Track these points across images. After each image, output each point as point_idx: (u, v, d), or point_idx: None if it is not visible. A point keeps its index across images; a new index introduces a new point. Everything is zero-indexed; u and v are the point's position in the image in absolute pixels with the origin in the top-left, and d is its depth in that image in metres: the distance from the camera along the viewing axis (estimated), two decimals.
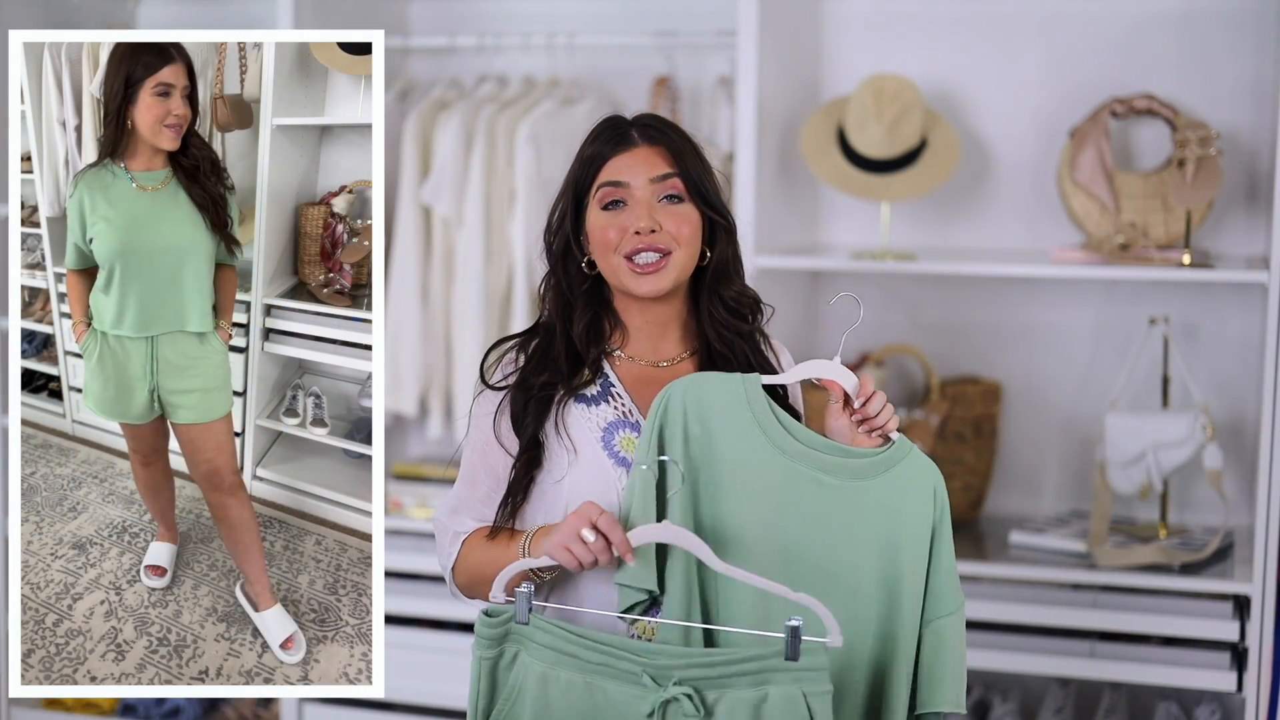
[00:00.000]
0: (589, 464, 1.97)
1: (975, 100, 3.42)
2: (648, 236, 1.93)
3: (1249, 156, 3.24)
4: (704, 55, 3.53)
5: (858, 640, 1.90)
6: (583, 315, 1.99)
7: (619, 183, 1.96)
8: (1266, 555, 2.89)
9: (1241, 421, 3.28)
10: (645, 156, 1.96)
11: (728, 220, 2.01)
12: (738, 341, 2.01)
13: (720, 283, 2.01)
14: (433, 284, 3.52)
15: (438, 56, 3.71)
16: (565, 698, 1.85)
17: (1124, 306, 3.34)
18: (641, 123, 1.99)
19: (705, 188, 1.98)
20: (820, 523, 1.91)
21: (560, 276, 2.01)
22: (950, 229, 3.45)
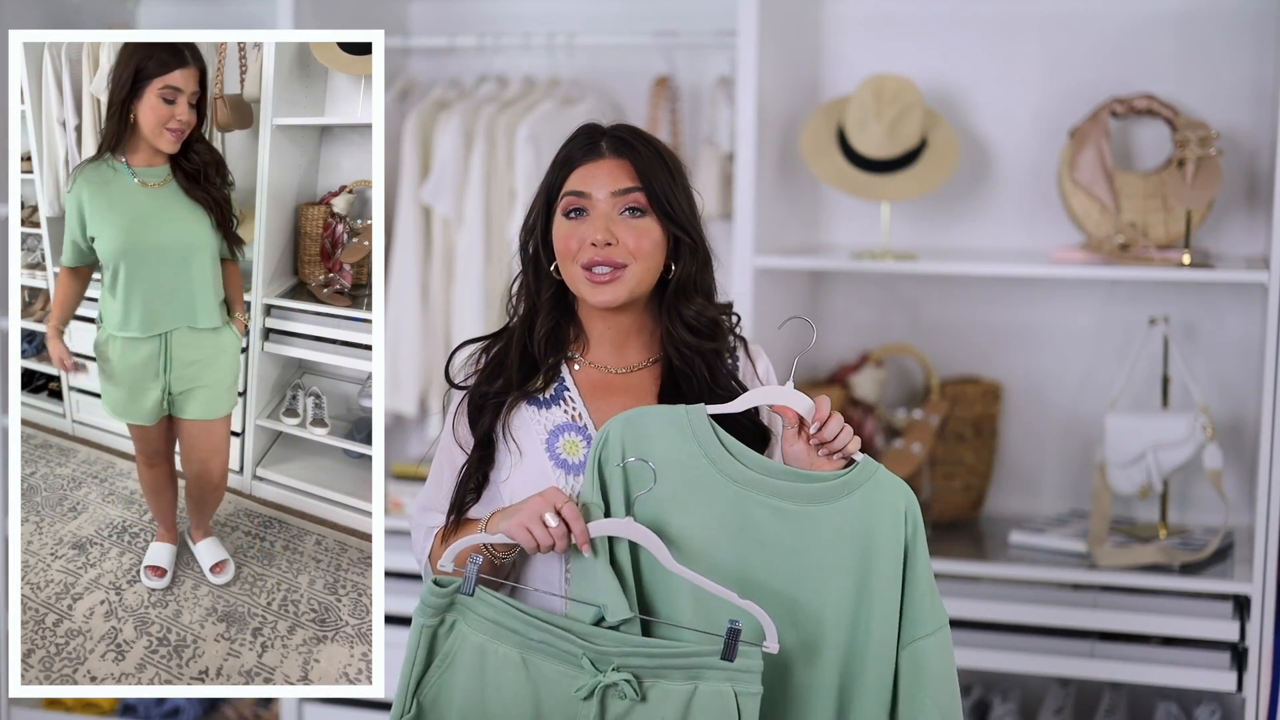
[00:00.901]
0: (531, 465, 1.99)
1: (975, 100, 3.42)
2: (603, 249, 1.94)
3: (1249, 156, 3.24)
4: (704, 55, 3.53)
5: (824, 668, 1.89)
6: (545, 322, 2.02)
7: (581, 193, 1.97)
8: (1266, 555, 2.89)
9: (1241, 421, 3.28)
10: (610, 168, 1.97)
11: (692, 238, 1.99)
12: (696, 360, 2.00)
13: (680, 300, 2.00)
14: (433, 284, 3.52)
15: (438, 56, 3.71)
16: (500, 671, 1.87)
17: (1124, 306, 3.34)
18: (614, 134, 2.00)
19: (671, 203, 1.97)
20: (779, 550, 1.89)
21: (530, 278, 2.04)
22: (950, 229, 3.45)
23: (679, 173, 2.00)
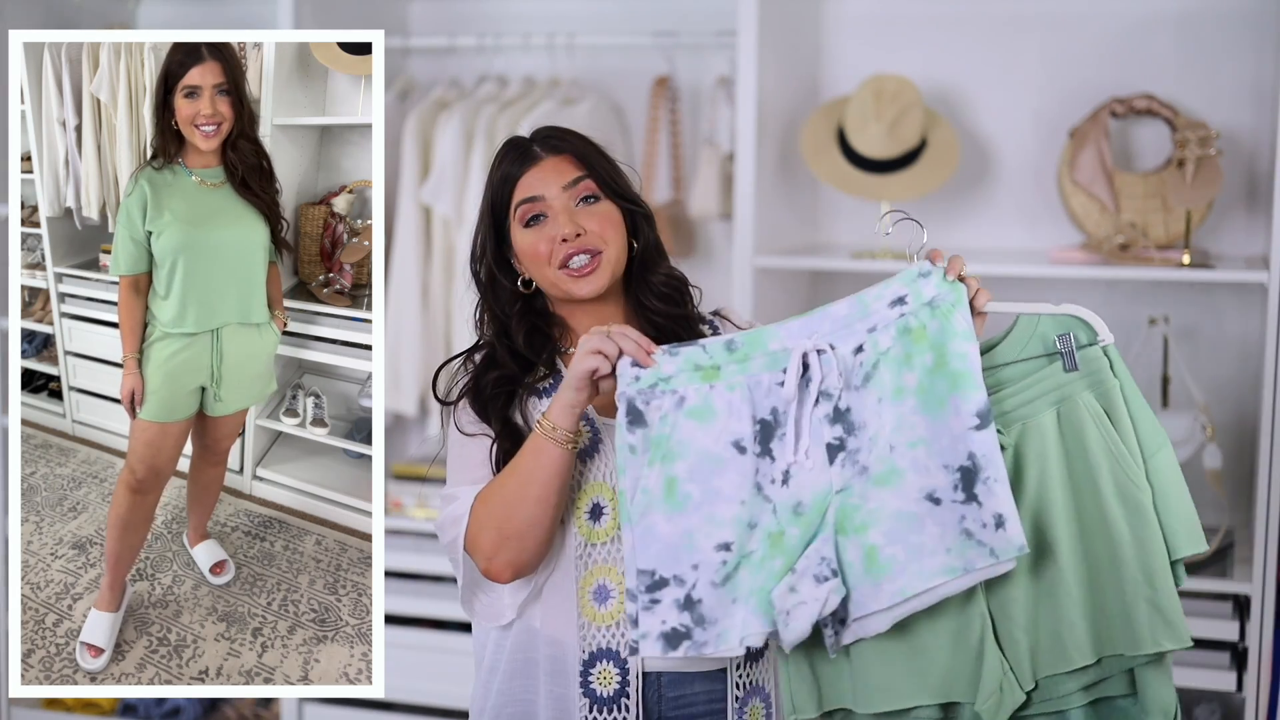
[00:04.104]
0: None
1: (975, 100, 3.42)
2: (575, 241, 1.96)
3: (1249, 156, 3.24)
4: (704, 55, 3.53)
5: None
6: (519, 329, 2.01)
7: (534, 198, 1.98)
8: (1266, 555, 2.89)
9: (1241, 421, 3.27)
10: (553, 166, 1.99)
11: (644, 208, 2.04)
12: (670, 327, 2.02)
13: (648, 269, 2.03)
14: (433, 284, 3.53)
15: (438, 56, 3.71)
16: None
17: (1124, 306, 3.34)
18: (541, 136, 2.03)
19: (617, 183, 2.01)
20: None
21: (491, 302, 2.04)
22: (950, 229, 3.45)
23: (609, 153, 2.05)
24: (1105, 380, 1.82)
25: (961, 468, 1.77)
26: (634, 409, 1.82)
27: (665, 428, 1.81)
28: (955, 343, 1.79)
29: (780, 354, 1.81)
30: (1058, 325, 1.84)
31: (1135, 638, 1.79)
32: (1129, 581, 1.79)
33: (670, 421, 1.81)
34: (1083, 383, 1.81)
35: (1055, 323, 1.84)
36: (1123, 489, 1.79)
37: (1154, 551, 1.79)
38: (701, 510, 1.80)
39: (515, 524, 1.88)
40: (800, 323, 1.84)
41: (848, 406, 1.81)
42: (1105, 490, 1.79)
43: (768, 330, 1.83)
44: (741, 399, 1.81)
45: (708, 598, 1.80)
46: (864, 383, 1.81)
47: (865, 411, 1.80)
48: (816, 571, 1.78)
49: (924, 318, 1.81)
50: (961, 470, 1.77)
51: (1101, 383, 1.82)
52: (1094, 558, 1.81)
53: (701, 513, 1.80)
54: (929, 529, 1.78)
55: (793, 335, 1.83)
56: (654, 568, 1.80)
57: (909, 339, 1.80)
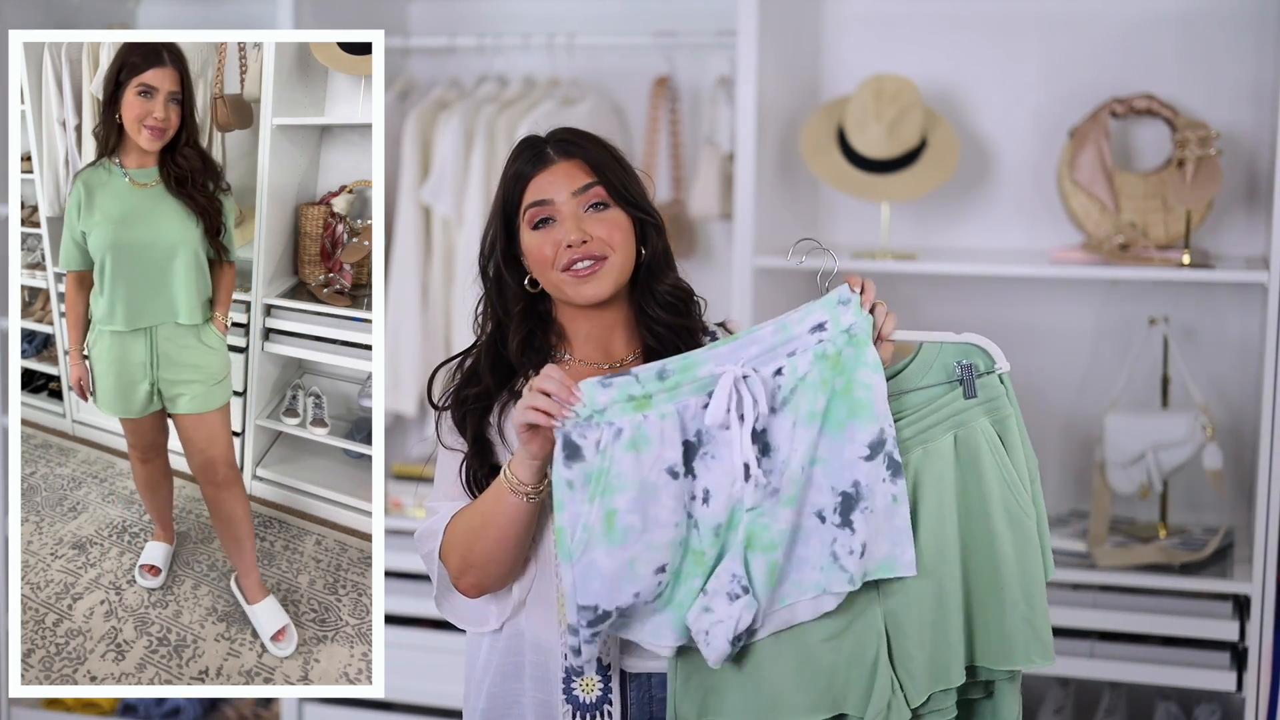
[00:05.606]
0: None
1: (975, 100, 3.42)
2: (580, 247, 1.95)
3: (1249, 156, 3.24)
4: (704, 55, 3.53)
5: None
6: (517, 332, 2.01)
7: (544, 201, 1.98)
8: (1266, 555, 2.89)
9: (1241, 421, 3.28)
10: (565, 171, 1.98)
11: (655, 218, 2.03)
12: (670, 338, 2.02)
13: (654, 278, 2.03)
14: (433, 284, 3.53)
15: (438, 56, 3.71)
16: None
17: (1124, 306, 3.34)
18: (556, 138, 2.02)
19: (628, 190, 2.00)
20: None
21: (495, 299, 2.04)
22: (950, 229, 3.45)
23: (625, 159, 2.04)
24: (1001, 407, 1.89)
25: (844, 493, 1.83)
26: (570, 443, 1.81)
27: (604, 461, 1.81)
28: (863, 372, 1.83)
29: (708, 380, 1.83)
30: (959, 353, 1.89)
31: (1009, 652, 1.88)
32: (1009, 602, 1.87)
33: (609, 455, 1.81)
34: (980, 409, 1.88)
35: (957, 350, 1.89)
36: (1011, 513, 1.88)
37: (1034, 574, 1.89)
38: (643, 539, 1.82)
39: (476, 556, 1.94)
40: (729, 348, 1.85)
41: (764, 428, 1.84)
42: (995, 513, 1.87)
43: (697, 355, 1.85)
44: (673, 426, 1.83)
45: (640, 610, 1.85)
46: (781, 406, 1.84)
47: (780, 435, 1.84)
48: (729, 589, 1.82)
49: (840, 344, 1.84)
50: (843, 495, 1.83)
51: (998, 409, 1.89)
52: (978, 577, 1.88)
53: (643, 541, 1.82)
54: (812, 543, 1.84)
55: (721, 360, 1.84)
56: (596, 603, 1.82)
57: (825, 364, 1.84)
